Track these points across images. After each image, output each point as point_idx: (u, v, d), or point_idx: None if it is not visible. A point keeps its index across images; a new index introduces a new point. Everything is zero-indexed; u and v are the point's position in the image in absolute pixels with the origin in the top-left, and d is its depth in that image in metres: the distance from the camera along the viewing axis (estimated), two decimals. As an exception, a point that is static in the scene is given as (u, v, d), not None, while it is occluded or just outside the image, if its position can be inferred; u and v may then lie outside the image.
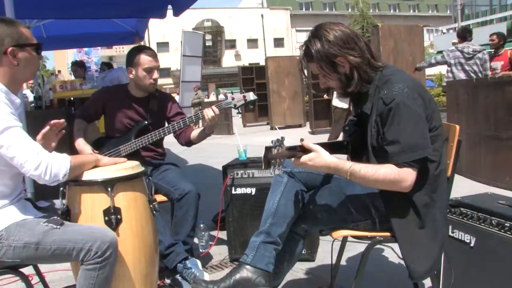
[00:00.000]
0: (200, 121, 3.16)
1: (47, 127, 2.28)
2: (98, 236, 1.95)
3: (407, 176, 1.93)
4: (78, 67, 8.68)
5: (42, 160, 1.91)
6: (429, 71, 9.34)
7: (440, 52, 30.70)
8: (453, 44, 7.86)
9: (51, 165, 1.92)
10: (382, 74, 2.06)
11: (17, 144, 1.90)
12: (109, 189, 2.08)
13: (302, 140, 2.00)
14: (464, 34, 7.40)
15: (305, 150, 1.99)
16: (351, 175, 1.98)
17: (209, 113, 2.93)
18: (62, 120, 2.32)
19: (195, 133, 3.20)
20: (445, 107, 6.74)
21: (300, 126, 15.05)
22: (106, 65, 8.32)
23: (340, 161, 2.00)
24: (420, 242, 2.01)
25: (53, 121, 2.29)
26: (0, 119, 1.89)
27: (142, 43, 8.72)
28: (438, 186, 2.02)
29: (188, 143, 3.27)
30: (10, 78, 2.06)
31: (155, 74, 3.17)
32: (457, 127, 2.14)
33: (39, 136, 2.23)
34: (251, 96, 2.90)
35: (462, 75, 7.09)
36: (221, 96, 21.43)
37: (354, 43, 2.04)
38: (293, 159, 2.01)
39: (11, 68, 2.04)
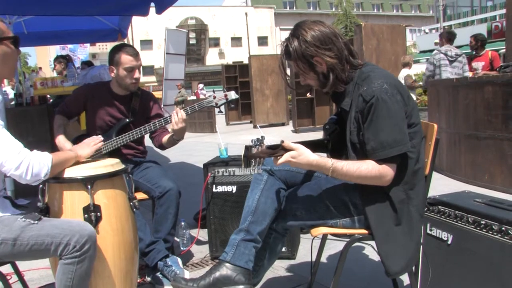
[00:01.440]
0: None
1: None
2: (77, 230, 1.94)
3: (387, 171, 1.96)
4: (63, 58, 8.57)
5: (23, 159, 1.90)
6: (411, 71, 9.43)
7: (423, 52, 31.08)
8: (435, 44, 7.97)
9: (32, 165, 1.91)
10: (361, 71, 2.08)
11: None
12: (89, 186, 2.07)
13: (282, 142, 2.00)
14: (451, 37, 7.65)
15: (285, 150, 2.00)
16: (333, 172, 2.00)
17: (174, 116, 2.89)
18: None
19: (166, 137, 3.18)
20: (427, 106, 6.82)
21: (283, 124, 15.08)
22: (86, 64, 8.23)
23: (322, 158, 2.02)
24: (396, 238, 2.03)
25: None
26: None
27: (125, 40, 8.66)
28: (415, 183, 2.05)
29: (161, 146, 3.25)
30: None
31: (136, 74, 3.14)
32: (435, 125, 2.16)
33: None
34: (232, 95, 2.90)
35: (446, 77, 7.24)
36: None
37: (332, 43, 2.05)
38: (274, 159, 2.02)
39: None
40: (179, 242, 3.51)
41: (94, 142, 2.39)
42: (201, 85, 25.39)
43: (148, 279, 2.96)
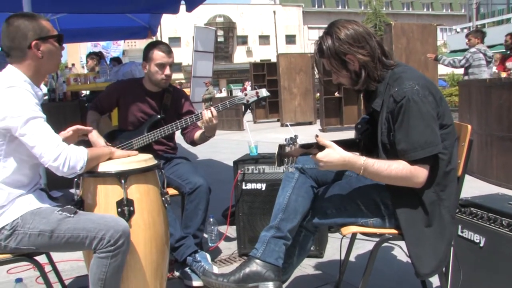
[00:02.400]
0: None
1: (70, 132, 2.33)
2: (111, 225, 1.99)
3: (419, 173, 1.95)
4: (95, 55, 8.71)
5: (61, 152, 1.96)
6: (441, 71, 9.32)
7: (454, 51, 30.50)
8: (468, 44, 7.83)
9: (69, 158, 1.97)
10: (393, 72, 2.08)
11: (39, 134, 1.96)
12: (123, 181, 2.11)
13: (317, 136, 2.02)
14: (483, 36, 7.59)
15: (319, 146, 2.01)
16: (365, 170, 2.00)
17: (206, 114, 2.93)
18: (90, 128, 2.38)
19: (198, 134, 3.22)
20: (457, 107, 6.71)
21: (310, 123, 15.03)
22: (116, 60, 8.34)
23: (354, 156, 2.03)
24: (427, 240, 2.02)
25: (79, 127, 2.35)
26: (26, 109, 1.96)
27: (154, 38, 8.75)
28: (447, 184, 2.03)
29: (192, 142, 3.30)
30: (35, 71, 2.12)
31: (167, 70, 3.17)
32: (469, 126, 2.14)
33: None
34: (263, 92, 2.91)
35: (484, 76, 7.16)
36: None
37: (365, 42, 2.06)
38: (311, 156, 2.03)
39: (36, 61, 2.11)
40: (207, 238, 3.54)
41: (131, 153, 2.40)
42: (247, 83, 25.40)
43: (177, 274, 2.99)
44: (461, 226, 2.35)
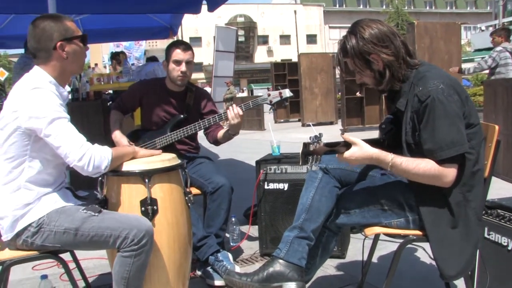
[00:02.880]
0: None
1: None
2: (135, 225, 2.00)
3: (448, 172, 1.92)
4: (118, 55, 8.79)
5: (86, 152, 1.99)
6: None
7: (478, 50, 29.98)
8: (493, 43, 7.69)
9: (94, 157, 2.00)
10: (417, 71, 2.06)
11: (64, 135, 1.98)
12: (147, 180, 2.12)
13: (343, 133, 2.01)
14: (508, 34, 7.43)
15: (346, 144, 2.01)
16: (392, 167, 1.99)
17: (232, 112, 2.94)
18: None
19: (221, 133, 3.23)
20: (482, 107, 6.61)
21: (331, 123, 14.96)
22: (151, 59, 8.35)
23: (383, 152, 2.02)
24: (452, 242, 1.99)
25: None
26: (50, 109, 1.98)
27: (175, 37, 8.80)
28: (474, 185, 2.00)
29: (216, 141, 3.30)
30: (60, 71, 2.15)
31: (183, 67, 3.17)
32: (497, 127, 2.10)
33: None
34: (287, 93, 2.90)
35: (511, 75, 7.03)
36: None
37: (389, 41, 2.05)
38: (337, 155, 2.02)
39: (61, 62, 2.13)
40: (229, 238, 3.55)
41: (154, 152, 2.42)
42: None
43: (199, 273, 3.00)
44: (488, 228, 2.31)
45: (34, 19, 2.15)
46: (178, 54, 3.16)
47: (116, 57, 8.17)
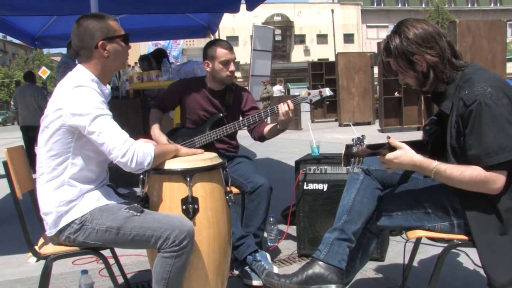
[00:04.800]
0: (269, 117, 3.14)
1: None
2: (176, 225, 2.01)
3: (496, 179, 1.87)
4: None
5: (129, 148, 2.01)
6: (510, 69, 8.93)
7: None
8: None
9: (137, 153, 2.01)
10: (463, 73, 2.01)
11: (107, 131, 2.00)
12: (188, 179, 2.13)
13: (388, 137, 1.99)
14: None
15: (390, 147, 1.98)
16: (436, 174, 1.95)
17: (283, 107, 2.93)
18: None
19: (268, 128, 3.21)
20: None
21: (369, 123, 14.83)
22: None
23: (426, 159, 1.98)
24: (502, 248, 1.92)
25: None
26: (93, 107, 2.01)
27: (212, 37, 8.85)
28: None
29: (261, 138, 3.28)
30: (102, 69, 2.19)
31: (232, 67, 3.19)
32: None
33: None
34: (327, 92, 2.88)
35: None
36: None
37: (434, 42, 2.00)
38: (379, 156, 1.99)
39: (102, 60, 2.17)
40: (267, 238, 3.54)
41: (196, 151, 2.44)
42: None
43: (236, 272, 3.01)
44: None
45: (78, 17, 2.18)
46: (226, 54, 3.17)
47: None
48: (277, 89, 20.01)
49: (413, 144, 2.06)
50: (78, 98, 2.02)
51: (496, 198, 1.92)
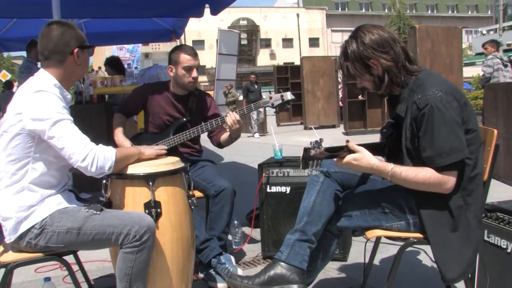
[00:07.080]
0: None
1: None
2: (136, 221, 2.03)
3: (447, 179, 1.95)
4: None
5: (89, 152, 2.01)
6: (466, 73, 9.36)
7: (479, 54, 30.09)
8: (486, 52, 8.65)
9: (97, 158, 2.02)
10: (417, 78, 2.09)
11: (67, 136, 2.01)
12: (151, 183, 2.14)
13: (347, 141, 2.05)
14: (498, 45, 8.85)
15: (349, 150, 2.04)
16: (392, 177, 2.02)
17: (229, 118, 2.96)
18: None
19: (224, 136, 3.25)
20: (482, 110, 6.64)
21: (334, 126, 14.99)
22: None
23: (382, 163, 2.05)
24: (453, 244, 2.01)
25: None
26: (53, 112, 2.01)
27: (178, 41, 8.83)
28: (473, 189, 2.02)
29: (219, 144, 3.33)
30: (68, 75, 2.21)
31: (194, 73, 3.20)
32: (495, 131, 2.12)
33: None
34: (288, 95, 2.93)
35: (501, 80, 7.78)
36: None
37: (389, 47, 2.07)
38: (336, 159, 2.05)
39: (73, 67, 2.20)
40: (231, 241, 3.57)
41: (159, 148, 2.46)
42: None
43: (201, 275, 3.02)
44: (487, 231, 2.33)
45: (49, 22, 2.21)
46: (189, 60, 3.18)
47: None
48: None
49: (371, 147, 2.13)
50: (38, 103, 2.02)
51: (448, 196, 2.00)
